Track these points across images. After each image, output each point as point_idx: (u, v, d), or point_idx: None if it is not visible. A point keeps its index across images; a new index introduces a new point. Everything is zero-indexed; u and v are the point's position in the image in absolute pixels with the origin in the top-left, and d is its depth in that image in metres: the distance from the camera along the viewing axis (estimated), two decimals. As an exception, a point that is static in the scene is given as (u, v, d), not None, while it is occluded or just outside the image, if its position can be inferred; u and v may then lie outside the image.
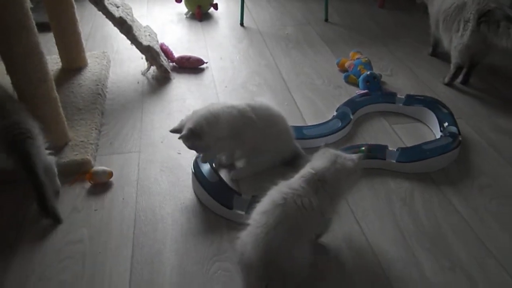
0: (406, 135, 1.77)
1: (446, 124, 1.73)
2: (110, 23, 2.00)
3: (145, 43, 2.10)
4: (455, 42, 2.04)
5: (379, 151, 1.61)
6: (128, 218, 1.39)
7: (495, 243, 1.31)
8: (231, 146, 1.51)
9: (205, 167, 1.48)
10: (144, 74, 2.22)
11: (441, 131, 1.72)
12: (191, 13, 2.98)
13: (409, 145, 1.69)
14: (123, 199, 1.46)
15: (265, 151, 1.51)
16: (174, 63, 2.31)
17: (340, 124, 1.75)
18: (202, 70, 2.29)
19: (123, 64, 2.33)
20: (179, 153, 1.64)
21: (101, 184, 1.50)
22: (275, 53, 2.46)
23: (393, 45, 2.55)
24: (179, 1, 2.99)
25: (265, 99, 1.92)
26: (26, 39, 1.40)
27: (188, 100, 2.01)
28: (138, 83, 2.15)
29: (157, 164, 1.62)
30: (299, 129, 1.72)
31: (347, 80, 2.16)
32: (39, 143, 1.37)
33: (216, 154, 1.54)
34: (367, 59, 2.17)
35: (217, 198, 1.39)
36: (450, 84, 2.14)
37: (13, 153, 1.31)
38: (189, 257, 1.25)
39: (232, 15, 2.97)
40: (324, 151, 1.23)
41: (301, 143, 1.62)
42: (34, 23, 1.42)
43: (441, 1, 2.15)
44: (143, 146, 1.71)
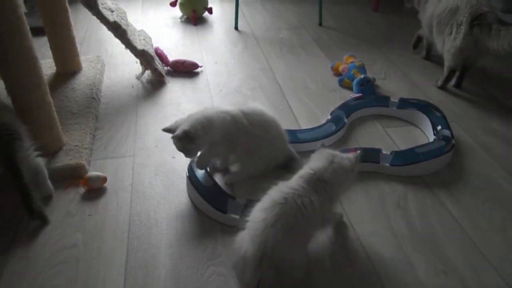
0: (399, 138, 1.78)
1: (439, 128, 1.74)
2: (105, 27, 2.00)
3: (139, 47, 2.10)
4: (448, 45, 2.06)
5: (373, 154, 1.62)
6: (123, 222, 1.38)
7: (488, 245, 1.31)
8: (224, 151, 1.51)
9: (200, 171, 1.49)
10: (138, 78, 2.22)
11: (434, 134, 1.73)
12: (185, 17, 2.99)
13: (402, 148, 1.70)
14: (117, 203, 1.46)
15: (259, 155, 1.51)
16: (168, 67, 2.31)
17: (334, 128, 1.76)
18: (197, 74, 2.29)
19: (118, 68, 2.33)
20: (173, 157, 1.64)
21: (95, 190, 1.50)
22: (269, 57, 2.47)
23: (387, 48, 2.57)
24: (173, 5, 3.00)
25: (259, 103, 1.92)
26: (19, 44, 1.40)
27: (183, 104, 2.01)
28: (133, 87, 2.15)
29: (151, 168, 1.62)
30: (294, 133, 1.72)
31: (341, 83, 2.17)
32: (26, 144, 1.37)
33: (210, 159, 1.54)
34: (361, 62, 2.18)
35: (211, 202, 1.39)
36: (443, 87, 2.16)
37: None
38: (184, 261, 1.25)
39: (227, 19, 2.98)
40: (321, 151, 1.26)
41: (295, 147, 1.63)
42: (28, 28, 1.42)
43: (433, 5, 2.17)
44: (137, 150, 1.71)
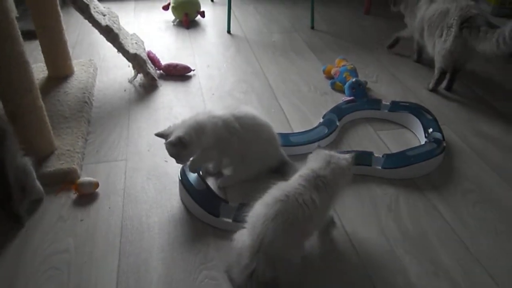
0: (391, 141, 1.79)
1: (430, 130, 1.76)
2: (97, 30, 2.00)
3: (131, 51, 2.10)
4: (439, 47, 2.08)
5: (364, 157, 1.63)
6: (115, 227, 1.38)
7: (479, 247, 1.33)
8: (217, 155, 1.52)
9: (192, 175, 1.49)
10: (131, 81, 2.21)
11: (425, 137, 1.75)
12: (178, 20, 2.99)
13: (394, 151, 1.71)
14: (109, 208, 1.45)
15: (251, 159, 1.51)
16: (161, 71, 2.31)
17: (327, 131, 1.77)
18: (189, 77, 2.29)
19: (110, 71, 2.33)
20: (166, 161, 1.64)
21: (87, 195, 1.50)
22: (262, 60, 2.48)
23: (379, 51, 2.59)
24: (166, 8, 3.00)
25: (252, 106, 1.93)
26: (11, 49, 1.39)
27: (175, 107, 2.01)
28: (125, 90, 2.15)
29: (143, 172, 1.61)
30: (286, 136, 1.73)
31: (333, 87, 2.18)
32: (14, 145, 1.36)
33: (203, 163, 1.54)
34: (352, 66, 2.19)
35: (204, 206, 1.39)
36: (434, 90, 2.18)
37: None
38: (176, 265, 1.25)
39: (219, 22, 2.98)
40: (318, 152, 1.29)
41: (288, 150, 1.63)
42: (19, 33, 1.42)
43: (424, 9, 2.20)
44: (129, 154, 1.71)
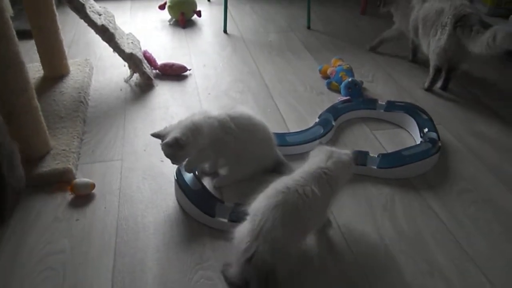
0: (387, 141, 1.80)
1: (426, 130, 1.76)
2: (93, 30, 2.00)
3: (127, 50, 2.10)
4: (433, 46, 2.09)
5: (360, 157, 1.63)
6: (110, 227, 1.38)
7: (474, 247, 1.33)
8: (213, 155, 1.52)
9: (188, 174, 1.49)
10: (127, 81, 2.21)
11: (421, 136, 1.75)
12: (174, 20, 2.99)
13: (390, 151, 1.72)
14: (105, 208, 1.45)
15: (247, 159, 1.51)
16: (157, 70, 2.30)
17: (322, 131, 1.77)
18: (185, 77, 2.29)
19: (106, 71, 2.32)
20: (161, 161, 1.63)
21: (83, 196, 1.49)
22: (258, 60, 2.48)
23: (375, 51, 2.59)
24: (162, 8, 3.00)
25: (248, 106, 1.93)
26: (6, 49, 1.39)
27: (171, 107, 2.01)
28: (121, 90, 2.15)
29: (139, 172, 1.61)
30: (282, 136, 1.73)
31: (329, 86, 2.18)
32: (3, 132, 1.35)
33: (199, 163, 1.54)
34: (348, 65, 2.19)
35: (199, 206, 1.39)
36: (430, 89, 2.18)
37: None
38: (172, 266, 1.25)
39: (216, 22, 2.98)
40: (320, 148, 1.32)
41: (284, 150, 1.64)
42: (14, 33, 1.41)
43: (417, 9, 2.21)
44: (125, 154, 1.70)
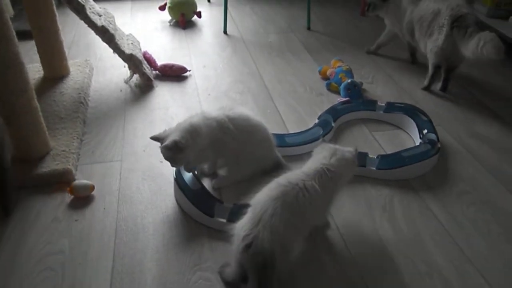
0: (386, 142, 1.80)
1: (425, 131, 1.76)
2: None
3: (127, 51, 2.10)
4: (431, 45, 2.10)
5: (359, 158, 1.63)
6: (109, 228, 1.38)
7: (473, 248, 1.33)
8: (212, 156, 1.52)
9: (187, 174, 1.49)
10: (127, 82, 2.21)
11: (420, 138, 1.75)
12: (174, 21, 2.99)
13: (389, 152, 1.72)
14: (104, 208, 1.45)
15: (246, 160, 1.51)
16: (157, 71, 2.31)
17: (322, 132, 1.77)
18: (185, 78, 2.29)
19: (106, 72, 2.32)
20: (161, 162, 1.63)
21: (82, 197, 1.49)
22: (258, 61, 2.48)
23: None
24: (162, 9, 3.00)
25: (247, 107, 1.94)
26: (5, 50, 1.39)
27: (171, 108, 2.01)
28: (121, 91, 2.15)
29: (139, 173, 1.61)
30: (282, 137, 1.73)
31: (329, 88, 2.18)
32: None
33: (198, 164, 1.54)
34: (348, 67, 2.20)
35: (198, 206, 1.39)
36: (428, 88, 2.18)
37: None
38: (170, 266, 1.25)
39: (216, 23, 2.99)
40: (323, 145, 1.33)
41: (283, 151, 1.64)
42: (14, 33, 1.42)
43: (409, 11, 2.21)
44: (125, 155, 1.71)
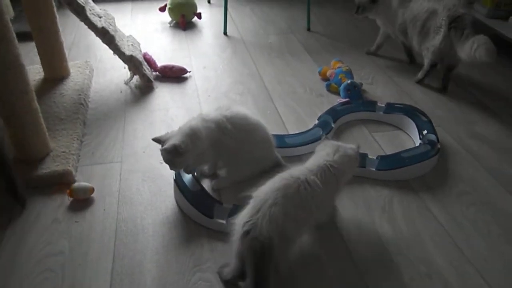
0: (386, 143, 1.80)
1: (425, 132, 1.76)
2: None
3: (127, 52, 2.10)
4: (427, 44, 2.10)
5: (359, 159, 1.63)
6: (109, 229, 1.38)
7: (472, 249, 1.33)
8: (211, 157, 1.52)
9: (187, 176, 1.49)
10: (127, 83, 2.21)
11: (420, 138, 1.75)
12: (174, 22, 2.99)
13: (389, 153, 1.72)
14: (104, 210, 1.46)
15: (245, 160, 1.51)
16: (157, 73, 2.31)
17: (322, 133, 1.77)
18: (185, 79, 2.29)
19: (107, 73, 2.33)
20: (161, 163, 1.63)
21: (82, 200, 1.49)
22: (258, 62, 2.48)
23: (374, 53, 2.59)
24: (162, 10, 3.01)
25: (247, 107, 1.93)
26: (6, 51, 1.40)
27: (171, 109, 2.02)
28: (121, 92, 2.15)
29: (138, 174, 1.62)
30: (281, 137, 1.73)
31: (329, 88, 2.18)
32: None
33: (198, 165, 1.54)
34: (347, 68, 2.20)
35: (198, 207, 1.39)
36: (422, 81, 2.20)
37: None
38: (170, 267, 1.26)
39: (216, 24, 2.99)
40: (326, 142, 1.36)
41: (283, 152, 1.64)
42: (14, 35, 1.42)
43: (401, 12, 2.21)
44: (125, 156, 1.71)
